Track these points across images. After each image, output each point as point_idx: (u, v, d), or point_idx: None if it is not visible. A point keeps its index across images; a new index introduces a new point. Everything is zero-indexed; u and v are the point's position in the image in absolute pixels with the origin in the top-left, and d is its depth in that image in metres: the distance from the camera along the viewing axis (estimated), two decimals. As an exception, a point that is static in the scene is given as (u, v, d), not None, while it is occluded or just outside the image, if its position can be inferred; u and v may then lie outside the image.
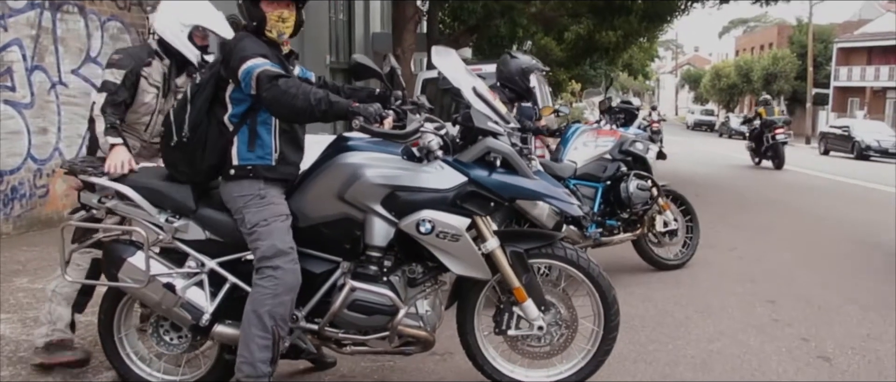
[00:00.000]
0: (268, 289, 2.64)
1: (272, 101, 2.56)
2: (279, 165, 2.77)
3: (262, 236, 2.67)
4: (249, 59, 2.59)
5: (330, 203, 2.78)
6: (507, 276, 2.88)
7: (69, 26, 6.90)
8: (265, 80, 2.55)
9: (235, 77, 2.63)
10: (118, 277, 2.83)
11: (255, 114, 2.72)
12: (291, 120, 2.76)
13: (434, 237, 2.74)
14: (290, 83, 2.56)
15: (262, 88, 2.55)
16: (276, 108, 2.60)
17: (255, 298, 2.66)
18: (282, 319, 2.68)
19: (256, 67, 2.57)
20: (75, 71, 7.00)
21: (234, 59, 2.63)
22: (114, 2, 7.50)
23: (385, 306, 2.79)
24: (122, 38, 7.62)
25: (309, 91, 2.55)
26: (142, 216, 2.84)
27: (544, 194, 2.86)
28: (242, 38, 2.70)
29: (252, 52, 2.61)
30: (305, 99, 2.52)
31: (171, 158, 2.83)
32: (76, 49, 7.00)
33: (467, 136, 2.88)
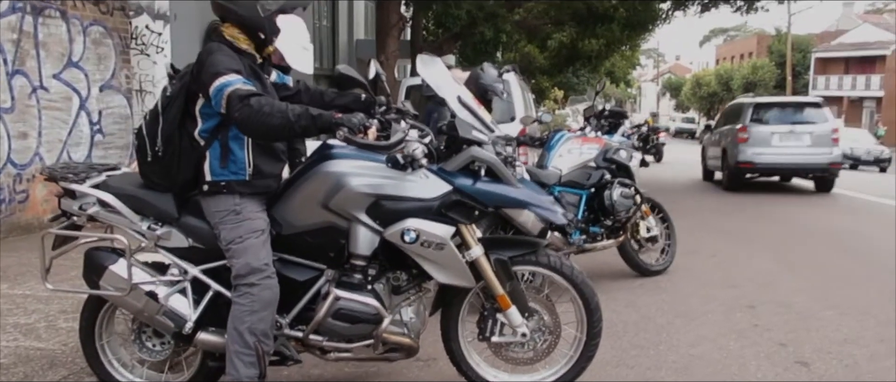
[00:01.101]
0: (245, 306, 2.63)
1: (244, 122, 2.47)
2: (254, 179, 2.71)
3: (237, 254, 2.65)
4: (222, 75, 2.50)
5: (314, 212, 2.77)
6: (491, 283, 2.89)
7: (51, 31, 6.85)
8: (236, 100, 2.46)
9: (206, 92, 2.55)
10: (99, 285, 2.80)
11: (227, 129, 2.65)
12: (268, 139, 2.69)
13: (419, 246, 2.74)
14: (264, 101, 2.47)
15: (233, 109, 2.46)
16: (250, 128, 2.51)
17: (235, 315, 2.65)
18: (263, 334, 2.66)
19: (228, 86, 2.48)
20: (57, 75, 6.95)
21: (205, 73, 2.54)
22: (96, 6, 7.45)
23: (369, 314, 2.79)
24: (104, 43, 7.58)
25: (286, 108, 2.47)
26: (123, 224, 2.81)
27: (529, 202, 2.87)
28: (214, 51, 2.60)
29: (224, 67, 2.53)
30: (282, 116, 2.44)
31: (147, 172, 2.79)
32: (58, 54, 6.95)
33: (452, 144, 2.89)
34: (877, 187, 14.99)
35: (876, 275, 6.04)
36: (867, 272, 6.14)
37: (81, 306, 3.05)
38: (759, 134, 12.03)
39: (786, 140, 12.03)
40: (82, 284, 2.93)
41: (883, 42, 37.55)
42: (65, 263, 3.35)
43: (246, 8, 2.64)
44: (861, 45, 38.89)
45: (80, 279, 2.91)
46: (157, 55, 8.36)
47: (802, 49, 41.79)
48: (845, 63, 40.13)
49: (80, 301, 4.35)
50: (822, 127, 12.18)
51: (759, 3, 14.41)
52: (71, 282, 4.77)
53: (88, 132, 7.38)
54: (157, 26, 8.30)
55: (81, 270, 2.86)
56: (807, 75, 41.75)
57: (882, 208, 11.56)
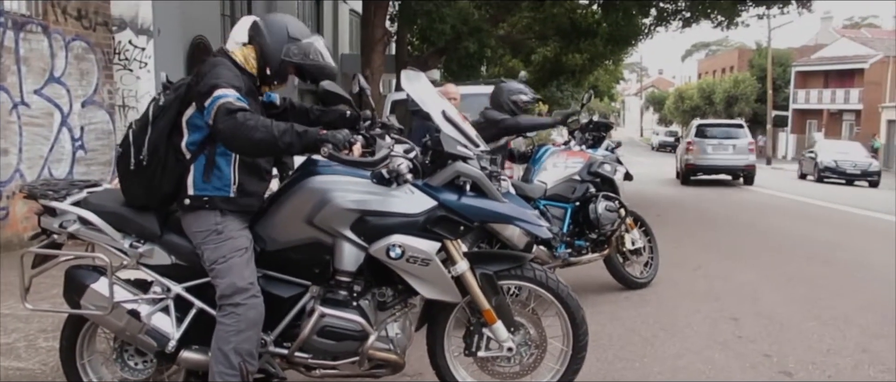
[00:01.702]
0: (231, 326, 2.61)
1: (228, 134, 2.46)
2: (238, 196, 2.69)
3: (221, 274, 2.63)
4: (220, 87, 2.50)
5: (298, 228, 2.75)
6: (476, 298, 2.88)
7: (32, 46, 6.80)
8: (223, 112, 2.45)
9: (201, 101, 2.54)
10: (80, 304, 2.77)
11: (214, 143, 2.63)
12: (251, 154, 2.67)
13: (404, 262, 2.73)
14: (249, 116, 2.46)
15: (219, 120, 2.46)
16: (233, 141, 2.50)
17: (219, 336, 2.62)
18: (248, 354, 2.64)
19: (220, 98, 2.47)
20: (38, 91, 6.89)
21: (204, 83, 2.54)
22: (79, 21, 7.41)
23: (355, 331, 2.77)
24: (86, 59, 7.53)
25: (270, 124, 2.46)
26: (105, 241, 2.78)
27: (514, 217, 2.87)
28: (218, 64, 2.61)
29: (225, 80, 2.53)
30: (267, 132, 2.44)
31: (127, 181, 2.74)
32: (39, 69, 6.90)
33: (437, 159, 2.88)
34: (857, 199, 15.17)
35: (857, 286, 6.10)
36: (848, 283, 6.20)
37: (62, 325, 3.01)
38: (700, 145, 17.76)
39: (717, 150, 17.69)
40: (63, 303, 2.89)
41: (860, 56, 38.13)
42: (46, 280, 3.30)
43: (274, 42, 2.70)
44: (840, 59, 39.45)
45: (61, 298, 2.87)
46: (140, 70, 8.33)
47: (783, 63, 42.31)
48: (825, 77, 40.66)
49: (60, 320, 4.29)
50: (741, 141, 17.98)
51: (739, 19, 14.60)
52: (51, 301, 4.70)
53: (70, 148, 7.31)
54: (140, 41, 8.28)
55: (61, 289, 2.82)
56: (787, 89, 42.24)
57: (861, 219, 11.70)
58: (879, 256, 7.67)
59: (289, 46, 2.69)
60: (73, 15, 7.33)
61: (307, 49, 2.72)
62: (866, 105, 36.37)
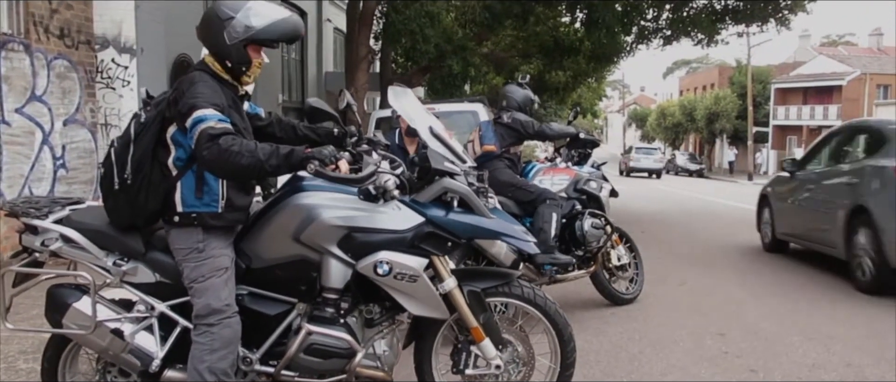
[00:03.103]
0: (205, 345, 2.58)
1: (212, 161, 2.44)
2: (226, 212, 2.66)
3: (198, 294, 2.60)
4: (198, 109, 2.46)
5: (285, 245, 2.72)
6: (464, 315, 2.86)
7: (14, 64, 6.74)
8: (205, 139, 2.41)
9: (182, 122, 2.50)
10: (62, 323, 2.72)
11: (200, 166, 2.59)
12: (236, 179, 2.64)
13: (392, 279, 2.71)
14: (232, 141, 2.42)
15: (202, 147, 2.42)
16: (217, 168, 2.48)
17: (194, 354, 2.60)
18: (223, 373, 2.61)
19: (202, 121, 2.43)
20: (19, 110, 6.83)
21: (183, 102, 2.50)
22: (61, 40, 7.37)
23: (342, 349, 2.74)
24: (69, 77, 7.48)
25: (255, 148, 2.43)
26: (88, 259, 2.74)
27: (501, 232, 2.87)
28: (196, 80, 2.56)
29: (204, 99, 2.48)
30: (252, 156, 2.41)
31: (111, 201, 2.70)
32: (21, 87, 6.84)
33: (424, 175, 2.88)
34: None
35: (839, 300, 6.15)
36: (831, 297, 6.25)
37: (43, 345, 2.96)
38: (635, 155, 36.22)
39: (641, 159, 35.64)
40: (44, 323, 2.84)
41: (838, 73, 38.72)
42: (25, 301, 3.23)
43: (214, 35, 2.60)
44: (818, 76, 40.04)
45: (42, 318, 2.83)
46: (123, 89, 8.27)
47: (762, 80, 42.84)
48: (804, 93, 41.21)
49: (41, 341, 4.22)
50: (657, 154, 36.89)
51: (718, 37, 14.81)
52: (32, 321, 4.63)
53: (51, 167, 7.24)
54: (123, 60, 8.23)
55: (43, 308, 2.78)
56: (767, 106, 42.74)
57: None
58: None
59: (227, 29, 2.57)
60: (55, 33, 7.29)
61: (246, 18, 2.57)
62: (845, 121, 36.91)
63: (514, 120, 5.33)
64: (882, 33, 45.44)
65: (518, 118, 5.34)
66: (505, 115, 5.40)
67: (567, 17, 15.08)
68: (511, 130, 5.33)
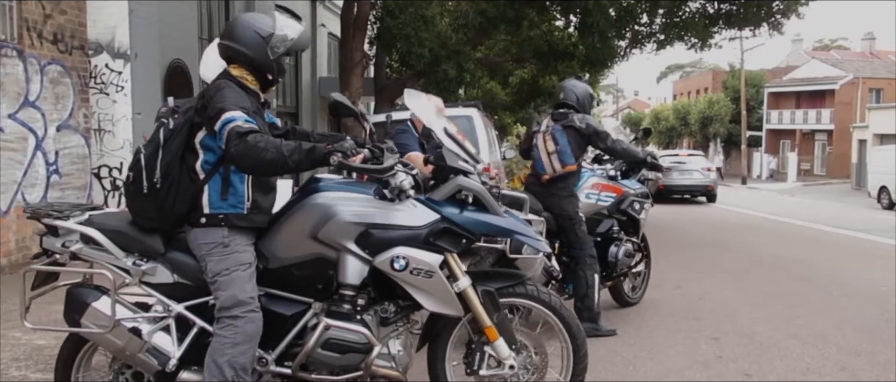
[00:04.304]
0: (227, 338, 2.61)
1: (240, 156, 2.54)
2: (251, 213, 2.75)
3: (223, 286, 2.64)
4: (227, 111, 2.57)
5: (302, 243, 2.77)
6: (478, 314, 2.90)
7: (7, 70, 6.72)
8: (234, 136, 2.53)
9: (211, 125, 2.61)
10: (81, 322, 2.74)
11: (229, 162, 2.69)
12: (262, 174, 2.74)
13: (408, 274, 2.75)
14: (259, 138, 2.54)
15: (231, 144, 2.53)
16: (244, 163, 2.58)
17: (215, 347, 2.62)
18: (242, 369, 2.63)
19: (230, 122, 2.55)
20: (12, 115, 6.80)
21: (212, 107, 2.60)
22: (54, 45, 7.35)
23: (359, 344, 2.77)
24: (62, 82, 7.46)
25: (280, 144, 2.54)
26: (107, 260, 2.78)
27: (514, 231, 2.93)
28: (223, 87, 2.67)
29: (232, 103, 2.60)
30: (277, 152, 2.51)
31: (139, 205, 2.75)
32: (14, 93, 6.81)
33: (439, 175, 2.93)
34: (830, 218, 15.40)
35: (833, 303, 6.17)
36: (825, 301, 6.27)
37: (35, 353, 2.95)
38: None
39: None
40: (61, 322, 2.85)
41: (831, 77, 38.90)
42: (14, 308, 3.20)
43: (256, 50, 2.72)
44: (811, 80, 40.21)
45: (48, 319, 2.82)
46: (117, 94, 8.24)
47: (756, 84, 42.99)
48: (797, 97, 41.38)
49: (34, 348, 4.21)
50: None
51: (712, 41, 14.85)
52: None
53: (44, 173, 7.21)
54: (117, 65, 8.20)
55: (42, 312, 2.78)
56: (761, 110, 42.91)
57: (834, 236, 11.87)
58: (852, 272, 7.78)
59: (270, 45, 2.73)
60: (49, 39, 7.27)
61: (283, 33, 2.75)
62: (838, 125, 37.05)
63: (588, 126, 4.93)
64: (874, 37, 45.66)
65: (592, 126, 4.95)
66: (577, 117, 4.97)
67: (561, 21, 15.09)
68: (582, 137, 4.96)
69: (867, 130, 29.80)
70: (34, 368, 3.88)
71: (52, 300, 2.86)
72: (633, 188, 5.49)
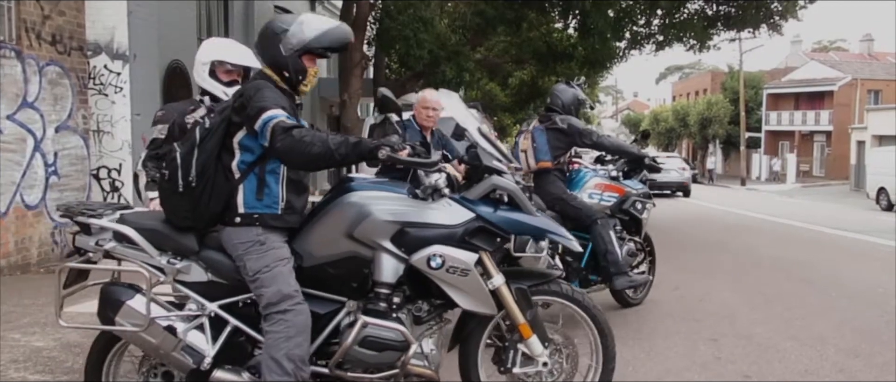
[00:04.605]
0: (280, 333, 2.63)
1: (287, 150, 2.56)
2: (284, 213, 2.76)
3: (266, 283, 2.66)
4: (269, 109, 2.59)
5: (337, 242, 2.79)
6: (512, 312, 2.92)
7: (6, 71, 6.71)
8: (280, 131, 2.55)
9: (251, 125, 2.63)
10: (115, 320, 2.74)
11: (264, 162, 2.71)
12: (308, 168, 2.77)
13: (444, 272, 2.77)
14: (305, 132, 2.57)
15: (276, 138, 2.55)
16: (291, 157, 2.60)
17: (270, 344, 2.64)
18: (301, 360, 2.66)
19: (273, 118, 2.57)
20: (11, 116, 6.79)
21: (251, 106, 2.62)
22: (53, 46, 7.34)
23: (396, 342, 2.78)
24: (61, 84, 7.45)
25: (326, 138, 2.58)
26: (141, 258, 2.78)
27: (548, 230, 2.96)
28: (262, 87, 2.68)
29: (272, 102, 2.62)
30: (323, 145, 2.54)
31: (174, 204, 2.76)
32: (12, 94, 6.81)
33: (473, 174, 2.96)
34: (829, 219, 15.41)
35: (832, 304, 6.18)
36: (824, 302, 6.27)
37: (32, 355, 2.94)
38: None
39: None
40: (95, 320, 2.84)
41: (829, 79, 38.93)
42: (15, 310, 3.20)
43: (272, 48, 2.73)
44: (809, 81, 40.24)
45: (34, 330, 2.81)
46: (115, 95, 8.25)
47: (754, 86, 43.02)
48: (795, 99, 41.41)
49: (32, 350, 4.21)
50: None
51: (711, 42, 14.87)
52: (23, 330, 4.62)
53: (43, 174, 7.20)
54: (116, 66, 8.21)
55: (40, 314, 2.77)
56: (759, 111, 42.93)
57: (833, 238, 11.88)
58: (851, 273, 7.79)
59: (282, 42, 2.71)
60: (47, 40, 7.26)
61: (299, 31, 2.71)
62: (836, 126, 37.09)
63: (570, 127, 5.11)
64: (873, 39, 45.73)
65: (575, 126, 5.12)
66: (558, 118, 5.16)
67: (560, 23, 15.11)
68: (564, 136, 5.12)
69: (866, 131, 29.84)
70: (33, 370, 3.87)
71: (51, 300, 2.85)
72: (636, 188, 5.51)
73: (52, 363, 3.97)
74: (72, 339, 4.36)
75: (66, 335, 4.43)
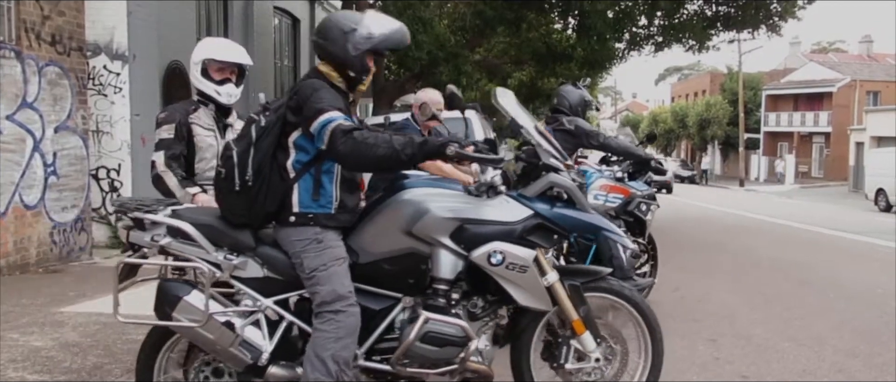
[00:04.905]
0: (330, 333, 2.63)
1: (349, 154, 2.55)
2: (338, 213, 2.77)
3: (322, 281, 2.67)
4: (326, 111, 2.58)
5: (395, 238, 2.79)
6: (566, 308, 2.93)
7: (5, 71, 6.71)
8: (339, 134, 2.53)
9: (307, 126, 2.62)
10: (173, 316, 2.73)
11: (320, 163, 2.71)
12: (371, 170, 2.79)
13: (504, 269, 2.78)
14: (367, 134, 2.56)
15: (337, 142, 2.54)
16: (354, 160, 2.59)
17: (317, 342, 2.64)
18: (345, 363, 2.66)
19: (332, 121, 2.55)
20: (10, 117, 6.79)
21: (308, 107, 2.61)
22: (53, 47, 7.34)
23: (457, 337, 2.78)
24: (60, 84, 7.45)
25: (389, 139, 2.57)
26: (198, 254, 2.77)
27: (603, 227, 2.99)
28: (318, 87, 2.67)
29: (329, 103, 2.61)
30: (388, 147, 2.53)
31: (230, 202, 2.76)
32: (12, 95, 6.80)
33: (530, 172, 2.97)
34: (828, 220, 15.42)
35: (831, 305, 6.18)
36: (823, 303, 6.28)
37: (29, 356, 2.94)
38: None
39: None
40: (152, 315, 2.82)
41: (828, 80, 38.99)
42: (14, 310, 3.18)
43: (337, 46, 2.71)
44: (808, 82, 40.30)
45: (33, 331, 2.81)
46: (115, 95, 8.25)
47: (753, 87, 43.07)
48: (794, 100, 41.46)
49: (31, 349, 4.20)
50: None
51: (710, 43, 14.89)
52: (20, 330, 4.62)
53: (42, 174, 7.20)
54: (115, 66, 8.21)
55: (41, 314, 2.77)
56: (758, 112, 42.97)
57: (832, 239, 11.89)
58: (850, 274, 7.80)
59: (350, 40, 2.70)
60: (47, 40, 7.26)
61: (368, 30, 2.71)
62: (835, 128, 37.13)
63: (577, 128, 5.11)
64: (872, 40, 45.82)
65: (582, 127, 5.12)
66: (565, 120, 5.16)
67: (559, 23, 15.12)
68: (571, 137, 5.11)
69: (865, 132, 29.88)
70: (31, 369, 3.87)
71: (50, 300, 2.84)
72: (640, 190, 5.52)
73: (50, 363, 3.97)
74: (70, 339, 4.37)
75: (65, 335, 4.44)
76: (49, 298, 5.40)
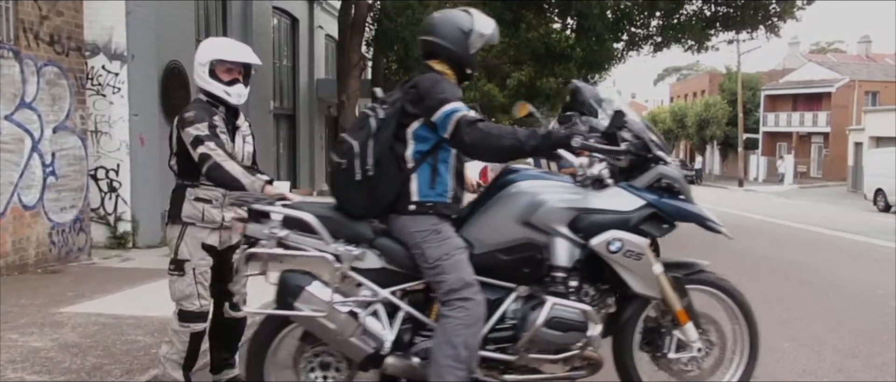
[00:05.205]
0: (460, 320, 2.67)
1: (475, 143, 2.63)
2: (453, 202, 2.84)
3: (448, 270, 2.71)
4: (450, 102, 2.66)
5: (511, 229, 2.84)
6: (670, 298, 3.00)
7: (3, 71, 6.69)
8: (465, 124, 2.62)
9: (429, 116, 2.68)
10: (295, 306, 2.74)
11: (437, 152, 2.78)
12: (495, 159, 2.87)
13: (621, 256, 2.85)
14: (492, 126, 2.66)
15: (463, 132, 2.62)
16: (479, 149, 2.67)
17: (448, 329, 2.67)
18: (473, 349, 2.70)
19: (456, 112, 2.64)
20: (9, 117, 6.78)
21: (430, 98, 2.69)
22: (51, 47, 7.33)
23: (579, 322, 2.83)
24: (59, 84, 7.44)
25: (513, 130, 2.67)
26: (316, 246, 2.78)
27: (708, 218, 3.05)
28: (439, 80, 2.75)
29: (452, 94, 2.69)
30: (513, 138, 2.63)
31: (351, 193, 2.79)
32: (10, 95, 6.79)
33: (637, 164, 3.01)
34: (827, 220, 15.43)
35: (831, 305, 6.18)
36: (822, 303, 6.28)
37: (29, 355, 2.93)
38: None
39: None
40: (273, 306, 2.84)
41: (827, 80, 39.02)
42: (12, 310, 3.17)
43: (459, 45, 2.83)
44: (807, 83, 40.32)
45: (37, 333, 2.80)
46: (113, 95, 8.25)
47: (752, 87, 43.10)
48: (793, 100, 41.49)
49: (30, 350, 4.20)
50: None
51: (709, 43, 14.90)
52: (19, 331, 4.62)
53: (40, 174, 7.18)
54: (114, 66, 8.20)
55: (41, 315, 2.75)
56: (757, 112, 43.00)
57: (831, 239, 11.89)
58: (849, 275, 7.80)
59: (470, 41, 2.84)
60: (45, 40, 7.25)
61: (481, 32, 2.85)
62: (834, 128, 37.15)
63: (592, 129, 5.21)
64: (870, 40, 45.89)
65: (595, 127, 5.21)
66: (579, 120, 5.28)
67: (558, 24, 15.13)
68: None
69: (863, 132, 29.89)
70: (30, 370, 3.87)
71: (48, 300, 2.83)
72: None
73: (49, 363, 3.97)
74: (69, 340, 4.36)
75: (64, 335, 4.43)
76: (48, 298, 5.39)
